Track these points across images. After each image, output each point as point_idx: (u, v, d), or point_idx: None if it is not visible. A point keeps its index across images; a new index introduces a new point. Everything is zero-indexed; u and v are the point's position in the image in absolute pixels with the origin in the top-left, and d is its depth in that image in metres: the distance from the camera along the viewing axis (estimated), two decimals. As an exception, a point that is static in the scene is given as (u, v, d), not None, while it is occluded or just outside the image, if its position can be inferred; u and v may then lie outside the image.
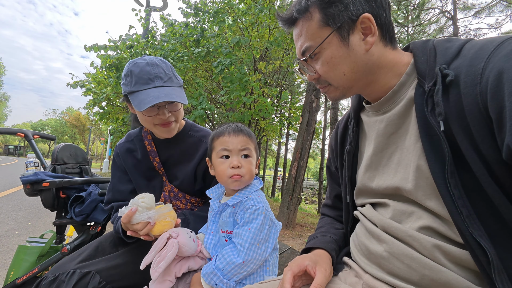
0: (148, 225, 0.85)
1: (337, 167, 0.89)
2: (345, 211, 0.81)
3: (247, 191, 0.87)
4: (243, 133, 0.89)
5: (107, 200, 1.11)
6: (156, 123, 0.99)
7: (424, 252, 0.53)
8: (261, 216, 0.80)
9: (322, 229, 0.84)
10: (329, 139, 0.95)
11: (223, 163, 0.87)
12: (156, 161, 1.11)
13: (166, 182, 1.13)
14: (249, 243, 0.77)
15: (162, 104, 0.96)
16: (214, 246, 0.88)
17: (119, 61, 4.05)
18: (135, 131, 1.19)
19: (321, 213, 0.97)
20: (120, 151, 1.14)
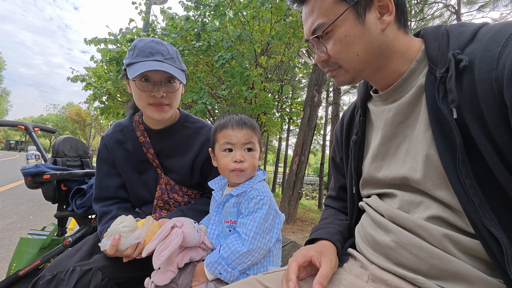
0: (138, 245, 0.83)
1: (342, 158, 0.87)
2: (350, 202, 0.80)
3: (251, 182, 0.86)
4: (246, 126, 0.87)
5: (94, 197, 1.08)
6: (150, 102, 0.96)
7: (433, 242, 0.52)
8: (265, 206, 0.79)
9: (326, 220, 0.83)
10: (334, 130, 0.93)
11: (226, 157, 0.85)
12: (150, 153, 1.07)
13: (161, 174, 1.09)
14: (254, 232, 0.76)
15: (158, 79, 0.93)
16: (217, 237, 0.87)
17: (119, 55, 4.01)
18: (124, 121, 1.14)
19: (324, 204, 0.96)
20: (108, 143, 1.09)
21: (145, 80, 0.94)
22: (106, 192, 1.08)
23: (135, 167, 1.09)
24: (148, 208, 1.12)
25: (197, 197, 1.18)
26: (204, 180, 0.99)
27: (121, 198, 1.10)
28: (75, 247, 0.97)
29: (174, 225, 0.83)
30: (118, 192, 1.09)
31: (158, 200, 1.10)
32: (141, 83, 0.93)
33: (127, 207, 1.10)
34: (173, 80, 0.98)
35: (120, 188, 1.10)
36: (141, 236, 0.85)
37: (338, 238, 0.71)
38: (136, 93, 0.96)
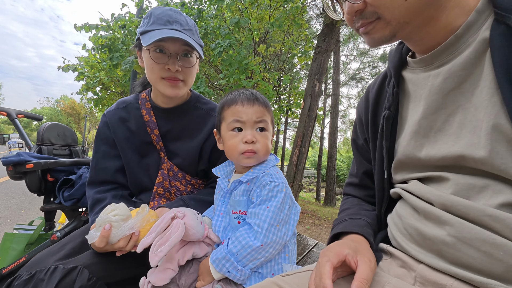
0: (132, 236, 0.72)
1: (367, 139, 0.76)
2: (379, 189, 0.69)
3: (263, 167, 0.74)
4: (259, 102, 0.75)
5: (89, 180, 0.97)
6: (164, 76, 0.87)
7: (511, 236, 0.40)
8: (281, 194, 0.68)
9: (350, 211, 0.72)
10: (356, 108, 0.81)
11: (235, 137, 0.73)
12: (154, 134, 0.97)
13: (165, 159, 0.99)
14: (268, 224, 0.65)
15: (174, 51, 0.85)
16: (224, 229, 0.76)
17: (112, 42, 3.82)
18: (130, 97, 1.03)
19: (344, 193, 0.84)
20: (110, 120, 0.98)
21: (160, 51, 0.85)
22: (103, 175, 0.97)
23: (136, 149, 0.98)
24: (147, 197, 1.02)
25: (200, 188, 1.07)
26: (211, 167, 0.87)
27: (118, 183, 0.99)
28: (60, 243, 0.85)
29: (174, 216, 0.72)
30: (116, 176, 0.98)
31: (159, 186, 1.00)
32: (156, 54, 0.85)
33: (123, 195, 0.98)
34: (190, 54, 0.90)
35: (118, 172, 0.99)
36: (135, 226, 0.73)
37: (369, 232, 0.60)
38: (149, 65, 0.87)
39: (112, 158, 0.98)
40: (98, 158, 0.98)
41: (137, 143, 0.98)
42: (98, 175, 0.97)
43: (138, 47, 0.92)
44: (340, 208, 0.79)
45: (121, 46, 3.86)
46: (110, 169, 0.97)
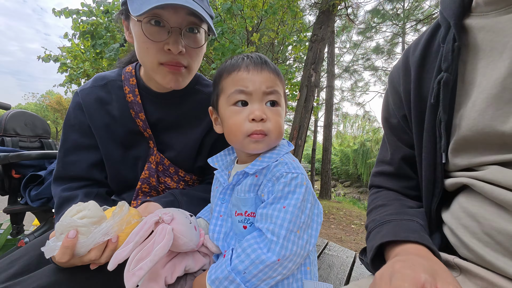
0: (109, 244, 0.54)
1: (406, 116, 0.59)
2: (428, 179, 0.53)
3: (275, 153, 0.57)
4: (269, 68, 0.57)
5: (56, 175, 0.77)
6: (162, 61, 0.66)
7: None
8: (301, 189, 0.51)
9: (389, 209, 0.55)
10: (388, 79, 0.65)
11: (238, 113, 0.55)
12: (140, 119, 0.77)
13: (154, 150, 0.80)
14: (286, 230, 0.48)
15: (176, 24, 0.63)
16: (225, 237, 0.58)
17: (94, 28, 3.54)
18: (111, 73, 0.81)
19: (373, 185, 0.68)
20: (84, 101, 0.76)
21: (157, 24, 0.63)
22: (74, 169, 0.77)
23: (120, 139, 0.79)
24: (132, 196, 0.83)
25: (195, 185, 0.89)
26: None
27: (93, 180, 0.80)
28: (12, 256, 0.66)
29: (159, 219, 0.54)
30: (91, 171, 0.79)
31: (144, 183, 0.81)
32: (150, 28, 0.63)
33: (100, 193, 0.79)
34: (198, 29, 0.68)
35: (94, 167, 0.79)
36: (111, 230, 0.55)
37: (429, 239, 0.44)
38: (141, 44, 0.65)
39: (85, 150, 0.78)
40: (68, 149, 0.77)
41: (121, 132, 0.78)
42: (67, 170, 0.77)
43: (124, 15, 0.70)
44: (371, 205, 0.62)
45: (105, 33, 3.58)
46: (83, 163, 0.77)
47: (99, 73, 0.82)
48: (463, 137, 0.46)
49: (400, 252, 0.43)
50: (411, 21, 10.02)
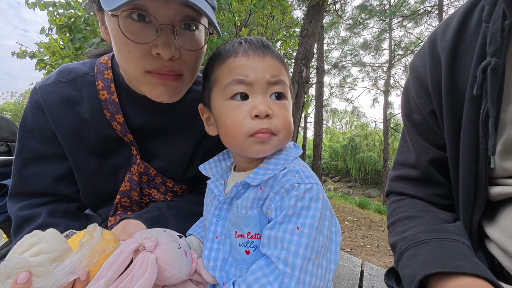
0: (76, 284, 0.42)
1: (434, 110, 0.50)
2: (467, 186, 0.44)
3: (282, 159, 0.46)
4: (272, 53, 0.47)
5: (12, 191, 0.64)
6: (149, 68, 0.51)
7: None
8: (317, 204, 0.41)
9: (421, 224, 0.46)
10: (410, 69, 0.56)
11: (237, 109, 0.45)
12: (117, 121, 0.62)
13: (137, 158, 0.66)
14: (302, 258, 0.38)
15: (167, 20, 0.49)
16: (223, 264, 0.47)
17: (73, 21, 3.31)
18: (81, 65, 0.66)
19: (394, 192, 0.59)
20: (46, 100, 0.61)
21: (140, 19, 0.48)
22: (33, 184, 0.63)
23: (93, 147, 0.65)
24: (108, 211, 0.70)
25: (185, 195, 0.77)
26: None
27: (60, 196, 0.66)
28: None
29: (139, 246, 0.43)
30: (57, 186, 0.65)
31: (124, 196, 0.69)
32: (132, 24, 0.48)
33: (69, 209, 0.66)
34: (196, 26, 0.53)
35: (60, 180, 0.65)
36: (78, 266, 0.43)
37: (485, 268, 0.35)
38: (121, 46, 0.51)
39: (48, 160, 0.64)
40: (26, 160, 0.63)
41: (93, 139, 0.64)
42: (26, 185, 0.63)
43: (96, 4, 0.55)
44: (394, 215, 0.53)
45: (84, 26, 3.36)
46: (46, 176, 0.63)
47: (65, 65, 0.66)
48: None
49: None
50: (397, 17, 10.13)
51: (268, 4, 4.62)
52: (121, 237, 0.53)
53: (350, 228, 4.06)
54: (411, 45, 10.48)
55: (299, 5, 8.21)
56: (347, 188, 12.94)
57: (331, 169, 15.67)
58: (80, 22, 3.35)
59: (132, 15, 0.48)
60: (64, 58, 5.26)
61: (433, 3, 8.58)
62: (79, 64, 0.67)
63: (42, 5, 3.51)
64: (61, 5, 3.67)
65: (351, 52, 12.92)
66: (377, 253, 3.12)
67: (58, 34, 3.60)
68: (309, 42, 4.57)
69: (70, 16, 3.32)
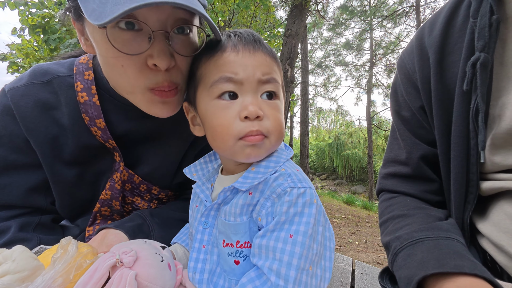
0: None
1: (423, 107, 0.50)
2: (459, 182, 0.44)
3: (273, 161, 0.44)
4: (264, 49, 0.44)
5: None
6: (151, 85, 0.48)
7: None
8: (311, 209, 0.39)
9: (414, 222, 0.45)
10: (398, 66, 0.55)
11: (225, 109, 0.42)
12: (97, 126, 0.58)
13: (120, 165, 0.62)
14: (296, 269, 0.36)
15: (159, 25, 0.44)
16: (211, 275, 0.44)
17: (46, 21, 3.15)
18: (58, 66, 0.60)
19: (385, 189, 0.58)
20: (17, 105, 0.55)
21: (129, 27, 0.44)
22: (2, 197, 0.57)
23: (72, 157, 0.59)
24: (87, 221, 0.65)
25: (170, 201, 0.73)
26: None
27: (32, 208, 0.61)
28: None
29: (117, 262, 0.39)
30: (29, 197, 0.59)
31: (103, 205, 0.64)
32: (121, 34, 0.44)
33: (43, 222, 0.61)
34: (190, 28, 0.49)
35: (34, 192, 0.60)
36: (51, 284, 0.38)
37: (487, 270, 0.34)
38: (111, 60, 0.46)
39: (20, 170, 0.58)
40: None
41: (73, 147, 0.59)
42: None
43: (74, 14, 0.49)
44: (386, 214, 0.52)
45: (59, 27, 3.20)
46: (17, 187, 0.58)
47: (39, 65, 0.60)
48: (507, 130, 0.37)
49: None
50: (377, 17, 10.42)
51: (251, 4, 4.60)
52: (100, 249, 0.49)
53: (338, 226, 4.11)
54: (391, 44, 10.81)
55: (282, 6, 8.26)
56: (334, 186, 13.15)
57: (318, 167, 15.88)
58: (54, 22, 3.19)
59: (119, 24, 0.43)
60: (38, 60, 5.00)
61: (411, 4, 8.88)
62: (55, 65, 0.61)
63: (12, 4, 3.31)
64: (33, 4, 3.48)
65: (334, 52, 13.16)
66: (365, 249, 3.18)
67: (31, 35, 3.41)
68: (293, 42, 4.59)
69: (43, 16, 3.16)
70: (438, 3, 8.76)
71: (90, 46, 0.51)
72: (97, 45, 0.47)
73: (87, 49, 0.53)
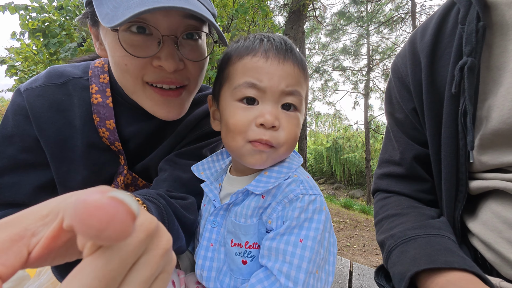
0: None
1: (415, 109, 0.52)
2: (450, 181, 0.46)
3: (285, 167, 0.45)
4: (294, 59, 0.44)
5: None
6: (148, 79, 0.50)
7: None
8: (320, 216, 0.41)
9: (408, 221, 0.47)
10: (391, 69, 0.57)
11: (243, 112, 0.43)
12: (106, 127, 0.59)
13: (124, 168, 0.63)
14: (305, 272, 0.37)
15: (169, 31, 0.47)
16: (218, 273, 0.46)
17: (47, 25, 3.17)
18: (73, 69, 0.63)
19: (380, 189, 0.60)
20: (32, 105, 0.57)
21: (140, 31, 0.47)
22: (10, 194, 0.58)
23: (82, 158, 0.61)
24: None
25: None
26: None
27: None
28: None
29: None
30: (37, 196, 0.60)
31: None
32: (132, 37, 0.47)
33: None
34: (199, 34, 0.52)
35: (41, 190, 0.61)
36: None
37: (472, 263, 0.36)
38: (118, 60, 0.49)
39: (29, 169, 0.60)
40: (3, 168, 0.58)
41: (81, 147, 0.60)
42: (2, 194, 0.58)
43: (90, 19, 0.53)
44: (381, 213, 0.54)
45: (59, 31, 3.23)
46: (25, 185, 0.59)
47: (54, 67, 0.62)
48: (493, 131, 0.39)
49: (446, 285, 0.34)
50: (374, 23, 10.57)
51: (250, 10, 4.66)
52: None
53: (336, 229, 4.11)
54: (388, 50, 10.95)
55: (280, 11, 8.36)
56: (332, 190, 13.15)
57: (316, 171, 15.89)
58: (55, 27, 3.21)
59: (131, 28, 0.46)
60: (37, 64, 5.01)
61: (407, 10, 9.03)
62: (70, 67, 0.63)
63: (12, 8, 3.34)
64: (33, 9, 3.51)
65: (332, 57, 13.29)
66: (363, 252, 3.18)
67: (31, 39, 3.43)
68: (291, 47, 4.65)
69: (44, 20, 3.18)
70: (433, 9, 8.91)
71: (103, 50, 0.54)
72: (108, 46, 0.50)
73: (101, 53, 0.56)
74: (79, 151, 0.60)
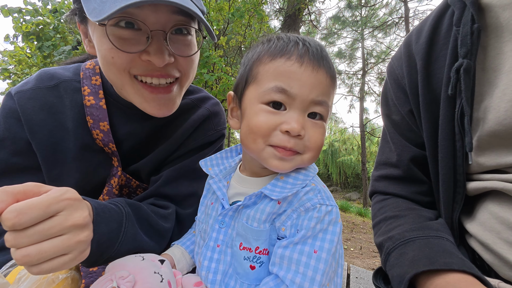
0: None
1: (412, 111, 0.52)
2: (447, 183, 0.46)
3: (303, 174, 0.44)
4: (327, 68, 0.43)
5: None
6: (136, 72, 0.50)
7: None
8: (335, 228, 0.40)
9: (406, 223, 0.47)
10: (387, 71, 0.57)
11: (268, 116, 0.41)
12: (100, 129, 0.59)
13: (118, 170, 0.62)
14: (319, 285, 0.37)
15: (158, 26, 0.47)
16: (223, 276, 0.44)
17: (41, 28, 3.14)
18: (63, 71, 0.62)
19: (378, 191, 0.59)
20: (23, 108, 0.56)
21: (129, 26, 0.47)
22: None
23: (74, 161, 0.59)
24: None
25: None
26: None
27: None
28: None
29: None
30: None
31: None
32: (120, 32, 0.46)
33: None
34: (188, 30, 0.52)
35: None
36: None
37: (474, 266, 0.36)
38: (105, 55, 0.48)
39: (19, 173, 0.58)
40: None
41: (73, 149, 0.59)
42: None
43: (78, 16, 0.52)
44: (379, 215, 0.54)
45: (53, 34, 3.20)
46: None
47: (45, 69, 0.61)
48: (490, 132, 0.39)
49: (445, 287, 0.34)
50: (368, 27, 10.72)
51: (245, 14, 4.70)
52: None
53: (333, 232, 4.11)
54: (382, 53, 11.09)
55: (276, 15, 8.43)
56: (329, 193, 13.17)
57: (313, 174, 15.97)
58: (49, 29, 3.19)
59: (120, 23, 0.46)
60: (31, 67, 4.97)
61: (400, 15, 9.17)
62: (61, 69, 0.63)
63: (6, 11, 3.31)
64: (27, 12, 3.48)
65: (327, 60, 13.42)
66: (360, 255, 3.18)
67: (25, 42, 3.40)
68: (287, 51, 4.68)
69: (38, 23, 3.16)
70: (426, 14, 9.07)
71: (92, 48, 0.54)
72: (96, 41, 0.50)
73: (90, 50, 0.55)
74: (71, 153, 0.59)
